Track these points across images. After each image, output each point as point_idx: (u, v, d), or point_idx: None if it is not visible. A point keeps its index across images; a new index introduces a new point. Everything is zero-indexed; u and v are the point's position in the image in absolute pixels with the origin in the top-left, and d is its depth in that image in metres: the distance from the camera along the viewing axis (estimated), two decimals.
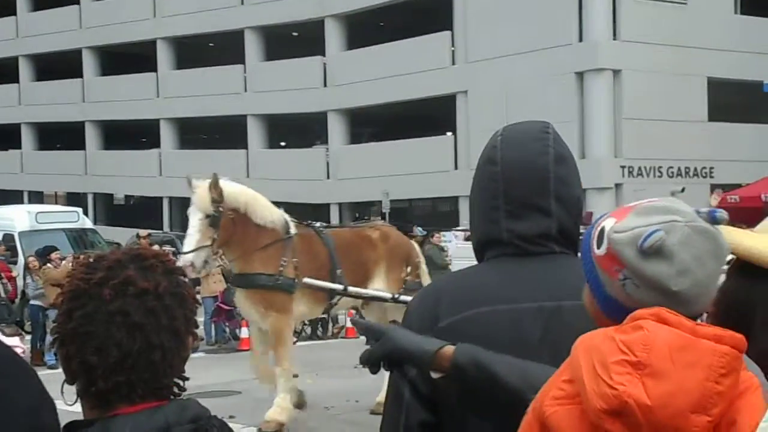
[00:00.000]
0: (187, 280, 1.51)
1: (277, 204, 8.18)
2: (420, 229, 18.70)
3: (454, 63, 26.49)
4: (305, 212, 33.12)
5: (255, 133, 31.63)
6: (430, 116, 27.39)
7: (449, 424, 1.57)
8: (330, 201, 29.58)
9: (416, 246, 9.15)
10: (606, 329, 1.24)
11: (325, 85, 29.62)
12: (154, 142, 34.38)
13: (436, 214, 27.95)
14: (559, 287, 1.57)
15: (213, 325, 14.13)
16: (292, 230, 7.76)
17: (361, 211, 30.98)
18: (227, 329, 14.15)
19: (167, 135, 33.88)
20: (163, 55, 33.68)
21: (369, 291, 8.05)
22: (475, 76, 25.32)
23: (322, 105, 29.30)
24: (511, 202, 1.62)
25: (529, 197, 1.62)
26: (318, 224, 8.40)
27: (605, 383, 1.16)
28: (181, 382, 1.45)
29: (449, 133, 27.41)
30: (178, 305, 1.44)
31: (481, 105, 24.76)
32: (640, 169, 23.72)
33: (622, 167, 23.51)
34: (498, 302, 1.58)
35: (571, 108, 23.02)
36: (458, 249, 17.00)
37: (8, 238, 17.69)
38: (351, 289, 7.77)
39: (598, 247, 1.31)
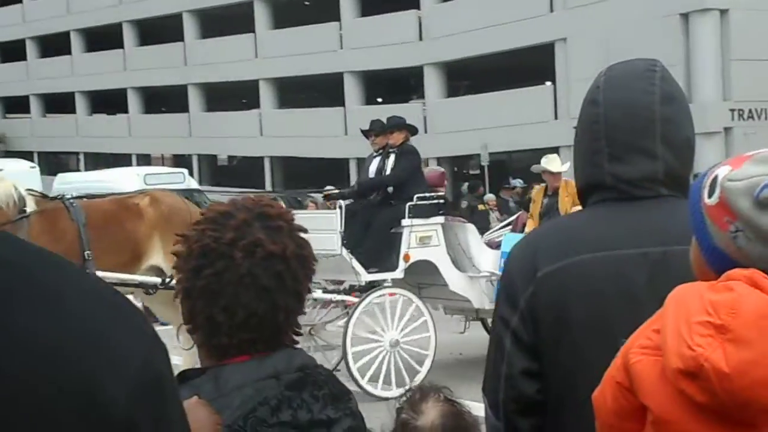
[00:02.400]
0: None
1: None
2: (520, 181, 18.47)
3: (552, 10, 25.83)
4: None
5: (352, 90, 31.71)
6: (529, 66, 26.86)
7: (553, 372, 1.54)
8: (428, 156, 29.47)
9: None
10: (700, 284, 1.20)
11: (420, 39, 29.37)
12: (254, 103, 34.90)
13: None
14: (665, 232, 1.51)
15: None
16: (30, 207, 6.45)
17: (459, 164, 30.82)
18: None
19: (266, 95, 34.32)
20: (261, 15, 34.00)
21: (128, 276, 6.57)
22: (575, 22, 24.64)
23: (418, 59, 29.09)
24: (613, 144, 1.56)
25: (633, 139, 1.55)
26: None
27: (685, 343, 1.13)
28: (295, 335, 1.50)
29: (548, 83, 26.85)
30: (301, 267, 1.47)
31: (581, 53, 24.10)
32: (750, 111, 22.73)
33: (732, 110, 22.58)
34: (599, 249, 1.52)
35: (677, 51, 22.15)
36: None
37: None
38: (102, 275, 6.00)
39: (710, 196, 1.24)
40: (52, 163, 39.37)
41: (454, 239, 8.33)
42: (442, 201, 8.45)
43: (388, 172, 8.44)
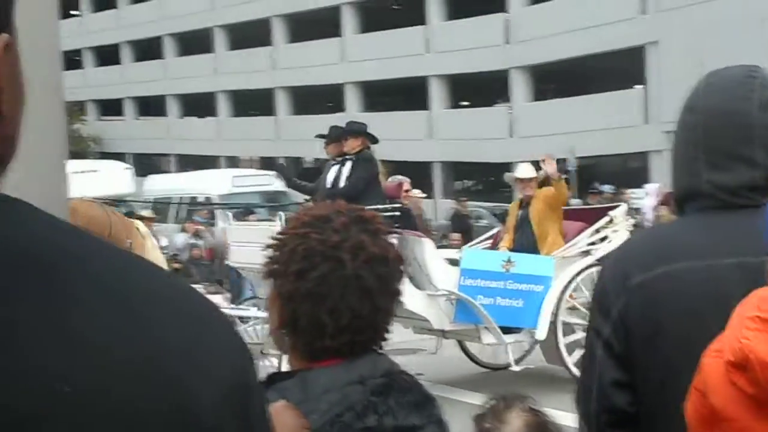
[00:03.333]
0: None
1: (460, 164, 8.17)
2: (609, 186, 18.14)
3: (644, 13, 25.33)
4: (488, 171, 32.97)
5: (437, 93, 31.69)
6: (618, 69, 26.39)
7: (644, 383, 1.51)
8: (513, 160, 29.24)
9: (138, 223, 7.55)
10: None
11: (507, 42, 29.17)
12: (339, 106, 35.21)
13: (626, 171, 27.02)
14: (763, 242, 1.46)
15: None
16: None
17: None
18: None
19: (352, 98, 34.57)
20: (348, 19, 34.30)
21: None
22: (667, 25, 24.09)
23: (505, 62, 28.90)
24: (711, 151, 1.52)
25: (731, 146, 1.51)
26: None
27: (736, 336, 1.17)
28: (383, 340, 1.51)
29: (638, 87, 26.31)
30: (398, 270, 1.50)
31: (674, 55, 23.56)
32: None
33: None
34: (694, 258, 1.48)
35: None
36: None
37: (207, 200, 18.70)
38: None
39: None
40: (145, 164, 40.47)
41: (410, 255, 7.64)
42: (398, 213, 7.82)
43: (342, 181, 7.96)
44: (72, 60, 46.43)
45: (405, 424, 1.41)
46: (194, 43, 39.62)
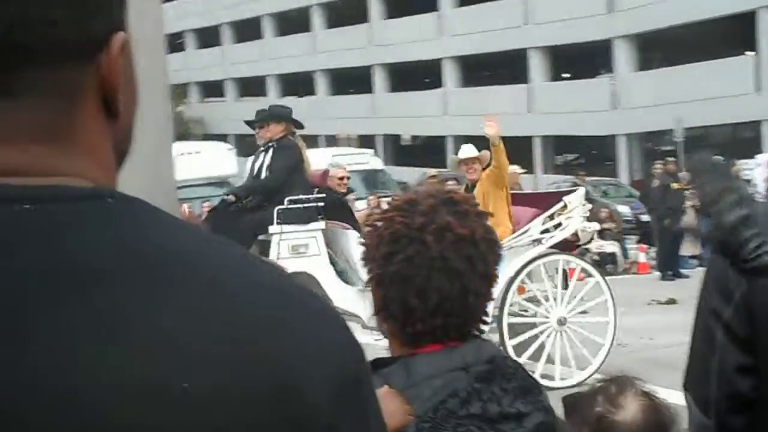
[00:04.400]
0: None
1: (561, 138, 7.83)
2: (719, 157, 17.43)
3: None
4: (589, 145, 32.23)
5: (536, 66, 31.11)
6: (727, 36, 25.29)
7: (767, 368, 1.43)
8: (616, 132, 28.50)
9: None
10: None
11: (609, 11, 28.33)
12: (437, 82, 34.99)
13: (736, 141, 25.97)
14: None
15: None
16: None
17: (652, 141, 29.58)
18: None
19: (449, 74, 34.31)
20: None
21: None
22: None
23: (607, 32, 28.09)
24: None
25: None
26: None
27: None
28: (482, 324, 1.50)
29: (750, 53, 25.17)
30: (490, 251, 1.47)
31: None
32: None
33: None
34: None
35: None
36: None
37: None
38: None
39: None
40: (247, 144, 41.20)
41: (337, 248, 7.21)
42: (322, 204, 7.22)
43: (264, 170, 7.45)
44: (174, 43, 47.61)
45: (510, 411, 1.40)
46: (293, 22, 39.99)
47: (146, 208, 0.68)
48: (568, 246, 7.52)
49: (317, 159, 20.11)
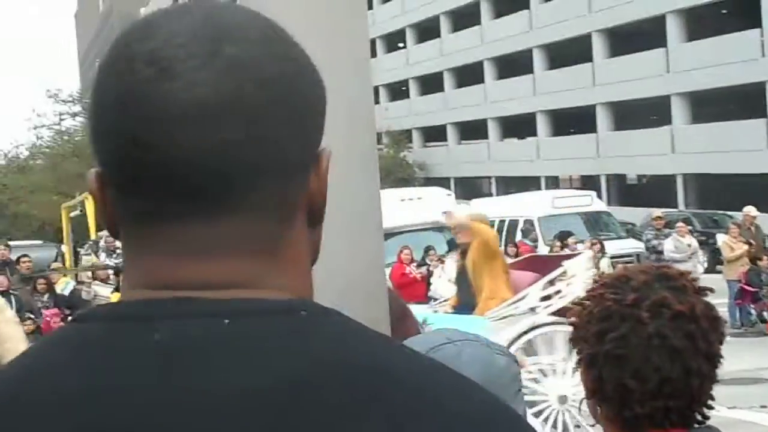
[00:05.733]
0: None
1: None
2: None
3: None
4: None
5: None
6: None
7: None
8: None
9: None
10: None
11: None
12: (665, 119, 33.62)
13: None
14: None
15: (738, 308, 13.26)
16: None
17: None
18: (753, 312, 13.18)
19: (678, 110, 32.87)
20: (673, 28, 32.72)
21: None
22: None
23: None
24: None
25: None
26: None
27: None
28: (707, 410, 1.41)
29: None
30: (712, 329, 1.38)
31: None
32: None
33: None
34: None
35: None
36: None
37: (528, 223, 18.64)
38: None
39: None
40: (467, 187, 41.52)
41: None
42: None
43: None
44: (399, 90, 49.10)
45: None
46: (514, 64, 40.03)
47: (340, 320, 0.69)
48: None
49: (538, 202, 19.93)
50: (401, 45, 48.88)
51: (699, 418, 1.40)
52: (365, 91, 1.77)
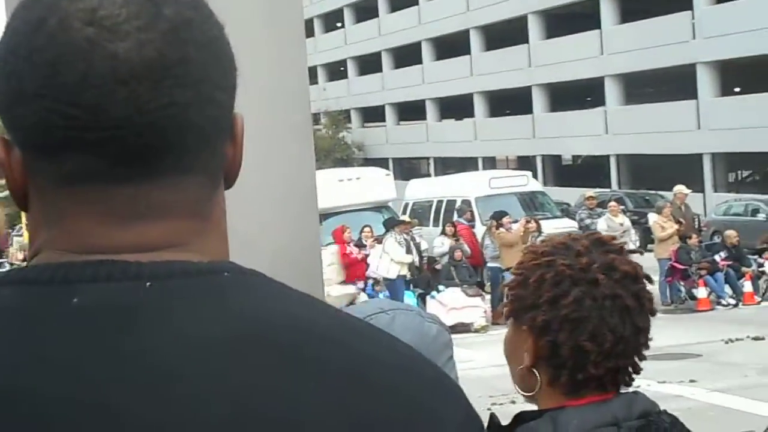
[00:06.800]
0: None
1: (733, 155, 7.43)
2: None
3: None
4: (766, 161, 30.46)
5: (705, 81, 29.76)
6: None
7: None
8: None
9: None
10: None
11: None
12: (598, 101, 34.16)
13: None
14: None
15: (668, 286, 13.61)
16: None
17: None
18: (683, 289, 13.53)
19: (611, 92, 33.41)
20: (607, 11, 33.20)
21: None
22: None
23: None
24: None
25: None
26: None
27: None
28: (635, 373, 1.43)
29: None
30: (647, 287, 1.44)
31: None
32: None
33: None
34: None
35: None
36: None
37: (465, 203, 18.80)
38: None
39: None
40: (405, 168, 41.66)
41: None
42: None
43: None
44: (337, 70, 48.90)
45: None
46: (450, 46, 40.15)
47: (262, 281, 0.68)
48: None
49: (475, 183, 20.11)
50: (339, 24, 48.62)
51: (627, 379, 1.42)
52: (299, 70, 1.76)
